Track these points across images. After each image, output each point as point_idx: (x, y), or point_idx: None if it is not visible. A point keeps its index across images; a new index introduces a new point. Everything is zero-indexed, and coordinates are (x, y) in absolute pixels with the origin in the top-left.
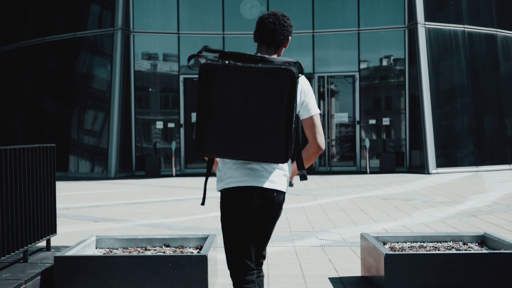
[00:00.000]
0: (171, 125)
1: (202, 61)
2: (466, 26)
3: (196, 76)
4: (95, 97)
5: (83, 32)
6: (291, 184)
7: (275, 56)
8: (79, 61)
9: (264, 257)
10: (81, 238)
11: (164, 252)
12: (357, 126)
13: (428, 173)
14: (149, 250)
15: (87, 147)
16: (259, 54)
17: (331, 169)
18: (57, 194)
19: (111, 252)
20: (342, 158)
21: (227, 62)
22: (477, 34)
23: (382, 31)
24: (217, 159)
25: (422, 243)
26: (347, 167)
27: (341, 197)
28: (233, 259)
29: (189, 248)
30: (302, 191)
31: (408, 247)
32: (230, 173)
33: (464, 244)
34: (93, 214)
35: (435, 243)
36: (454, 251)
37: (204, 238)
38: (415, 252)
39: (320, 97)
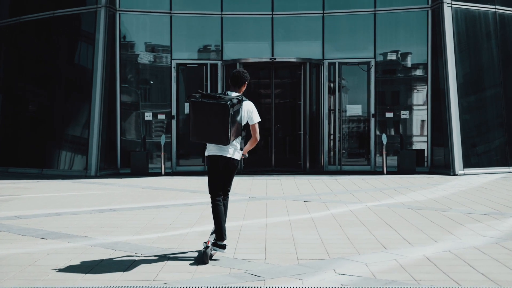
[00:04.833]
0: (161, 116)
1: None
2: (497, 7)
3: (191, 61)
4: (76, 84)
5: (63, 10)
6: (245, 156)
7: (231, 94)
8: (58, 43)
9: (229, 191)
10: (11, 266)
11: None
12: (372, 120)
13: (454, 174)
14: None
15: (66, 141)
16: (223, 93)
17: (342, 168)
18: (15, 196)
19: None
20: (354, 156)
21: (201, 99)
22: (509, 16)
23: (401, 12)
24: None
25: None
26: (360, 165)
27: (359, 205)
28: (212, 190)
29: None
30: (309, 195)
31: None
32: (210, 148)
33: None
34: (46, 226)
35: None
36: None
37: None
38: None
39: (330, 87)
